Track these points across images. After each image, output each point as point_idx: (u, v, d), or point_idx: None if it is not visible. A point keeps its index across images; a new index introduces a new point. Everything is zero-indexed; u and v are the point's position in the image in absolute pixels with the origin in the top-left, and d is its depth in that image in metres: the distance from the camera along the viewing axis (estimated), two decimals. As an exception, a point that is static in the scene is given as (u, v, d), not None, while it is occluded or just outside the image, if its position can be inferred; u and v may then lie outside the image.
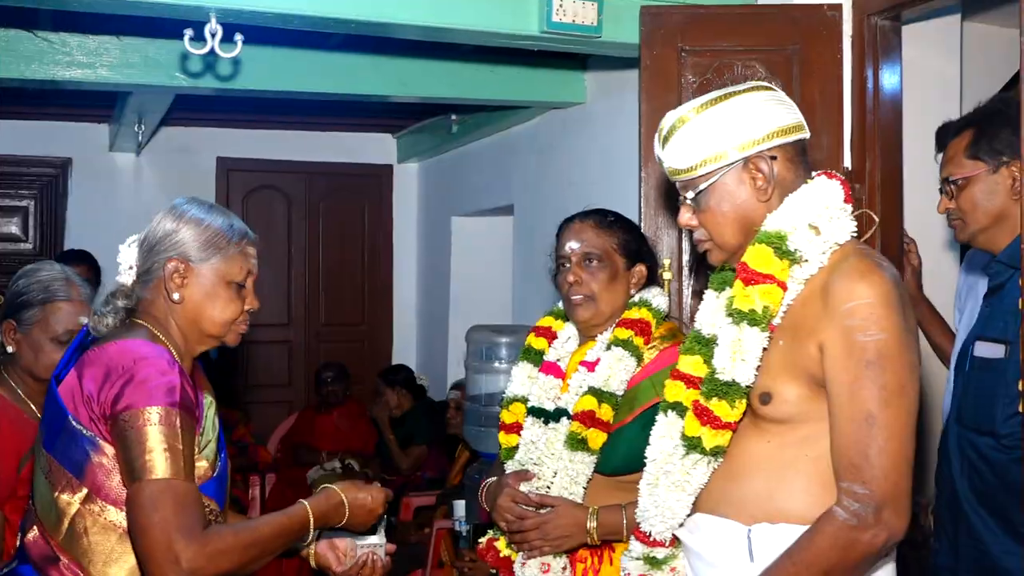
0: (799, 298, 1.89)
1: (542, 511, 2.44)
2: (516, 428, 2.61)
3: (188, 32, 3.28)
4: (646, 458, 2.07)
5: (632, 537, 2.12)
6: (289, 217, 7.52)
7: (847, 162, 3.43)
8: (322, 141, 7.42)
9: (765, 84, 1.99)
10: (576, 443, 2.44)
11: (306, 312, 7.57)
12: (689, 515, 2.01)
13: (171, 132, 6.95)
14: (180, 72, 4.42)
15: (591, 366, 2.51)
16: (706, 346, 1.98)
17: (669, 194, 3.51)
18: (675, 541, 2.06)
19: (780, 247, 1.89)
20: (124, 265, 2.09)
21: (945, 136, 2.64)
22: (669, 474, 1.99)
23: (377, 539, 2.30)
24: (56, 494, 1.96)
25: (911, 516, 1.80)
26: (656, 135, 2.00)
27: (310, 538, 2.09)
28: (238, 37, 3.41)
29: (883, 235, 3.36)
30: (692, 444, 1.96)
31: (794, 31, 3.43)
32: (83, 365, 1.96)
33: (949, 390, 2.86)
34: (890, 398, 1.75)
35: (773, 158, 1.92)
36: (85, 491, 1.94)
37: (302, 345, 7.55)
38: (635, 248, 2.57)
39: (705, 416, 1.94)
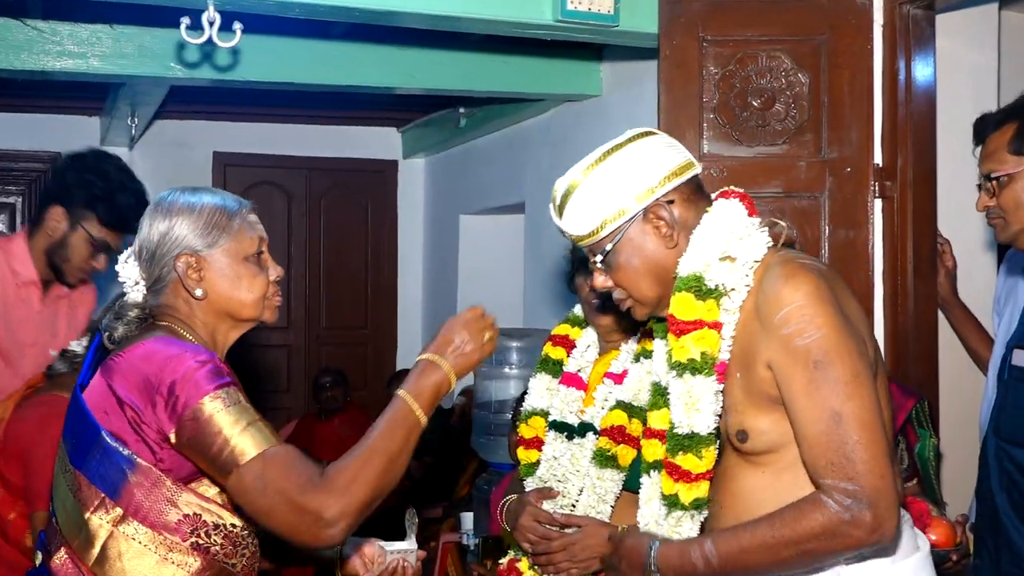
0: (738, 326, 1.94)
1: (568, 531, 2.44)
2: (536, 443, 2.61)
3: (184, 20, 3.28)
4: (639, 524, 2.11)
5: None
6: (289, 215, 7.53)
7: (877, 158, 3.42)
8: (324, 135, 7.43)
9: (645, 130, 2.05)
10: (605, 460, 2.44)
11: (306, 314, 7.57)
12: None
13: (165, 125, 6.96)
14: (176, 62, 4.43)
15: (618, 378, 2.50)
16: (666, 396, 2.04)
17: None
18: None
19: (700, 288, 1.95)
20: (129, 282, 2.08)
21: (984, 129, 2.62)
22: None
23: (407, 544, 2.28)
24: (87, 515, 1.94)
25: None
26: (551, 204, 2.06)
27: (423, 424, 1.95)
28: (237, 26, 3.41)
29: (916, 235, 3.36)
30: (672, 502, 2.01)
31: (822, 20, 3.42)
32: (111, 372, 1.94)
33: (988, 399, 2.85)
34: (848, 390, 1.79)
35: (671, 202, 1.98)
36: (120, 512, 1.93)
37: (302, 349, 7.56)
38: None
39: (676, 472, 2.00)
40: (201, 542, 1.95)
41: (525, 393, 2.82)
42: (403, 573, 2.29)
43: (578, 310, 2.69)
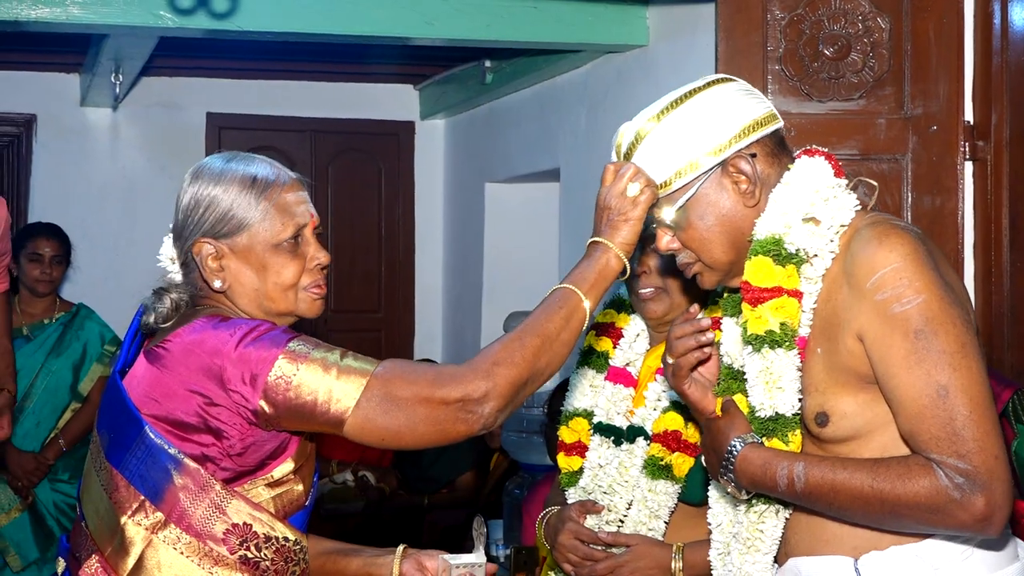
0: (821, 296, 1.94)
1: (615, 551, 2.42)
2: (579, 448, 2.58)
3: (176, -39, 3.27)
4: (709, 524, 2.09)
5: None
6: (292, 184, 7.53)
7: (968, 115, 3.40)
8: (331, 94, 7.43)
9: (725, 76, 2.06)
10: (657, 470, 2.41)
11: (312, 296, 7.58)
12: (781, 563, 2.04)
13: (153, 83, 6.97)
14: (166, 10, 4.43)
15: None
16: (740, 380, 2.03)
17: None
18: None
19: (779, 252, 1.94)
20: (165, 260, 2.09)
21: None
22: (738, 536, 2.04)
23: (475, 558, 2.26)
24: (123, 519, 1.94)
25: None
26: (613, 151, 2.06)
27: (587, 308, 2.01)
28: (235, -34, 3.40)
29: (1012, 203, 3.33)
30: (754, 494, 2.00)
31: (905, -45, 3.40)
32: (162, 358, 1.95)
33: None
34: (955, 361, 1.79)
35: (753, 155, 1.98)
36: (162, 518, 1.93)
37: (308, 335, 7.56)
38: None
39: None
40: (251, 556, 1.96)
41: (562, 387, 2.80)
42: None
43: (622, 290, 2.66)
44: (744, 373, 2.02)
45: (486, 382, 1.88)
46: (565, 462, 2.60)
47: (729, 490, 2.01)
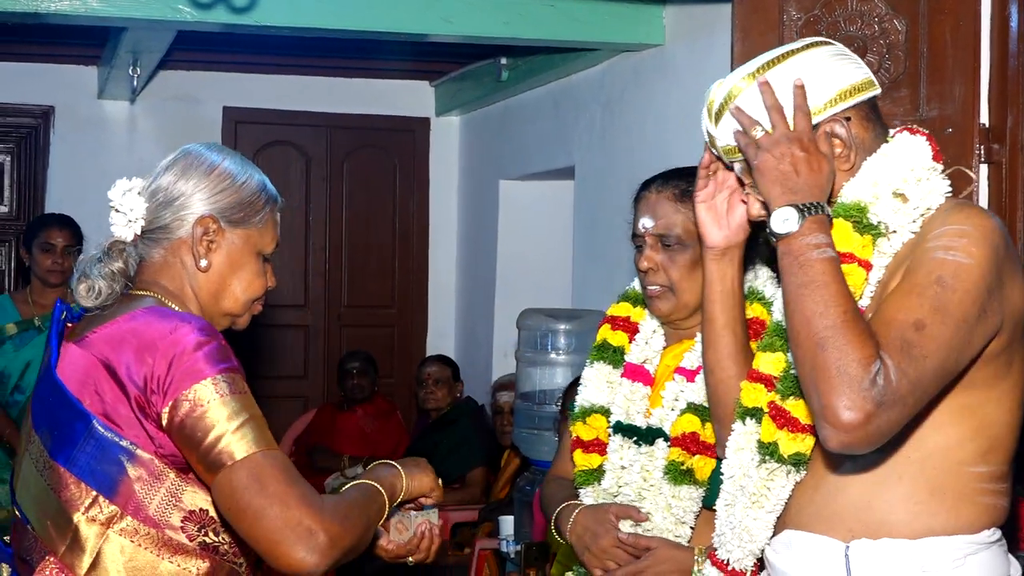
0: (887, 272, 1.92)
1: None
2: (597, 446, 2.53)
3: (196, -45, 3.29)
4: (722, 474, 2.08)
5: (707, 562, 2.12)
6: (307, 178, 7.55)
7: (984, 118, 3.36)
8: (347, 89, 7.44)
9: (824, 39, 2.02)
10: (680, 475, 2.37)
11: (326, 292, 7.60)
12: (777, 533, 2.03)
13: (170, 76, 6.99)
14: (185, 4, 4.45)
15: (691, 375, 2.43)
16: (787, 340, 1.98)
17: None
18: (756, 572, 2.09)
19: (861, 220, 1.92)
20: (128, 215, 2.03)
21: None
22: (745, 489, 2.03)
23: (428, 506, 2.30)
24: (76, 517, 1.91)
25: None
26: (704, 109, 2.02)
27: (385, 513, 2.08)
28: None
29: (1027, 207, 3.32)
30: (768, 451, 1.98)
31: (922, -43, 3.39)
32: (100, 345, 1.92)
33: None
34: (948, 320, 1.78)
35: (847, 119, 1.96)
36: (117, 511, 1.90)
37: (321, 331, 7.59)
38: None
39: (781, 418, 1.97)
40: (209, 541, 1.94)
41: (575, 383, 2.76)
42: (431, 538, 2.27)
43: (636, 284, 2.60)
44: None
45: (338, 529, 1.85)
46: (582, 460, 2.54)
47: None
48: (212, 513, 1.94)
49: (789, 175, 1.88)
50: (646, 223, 2.46)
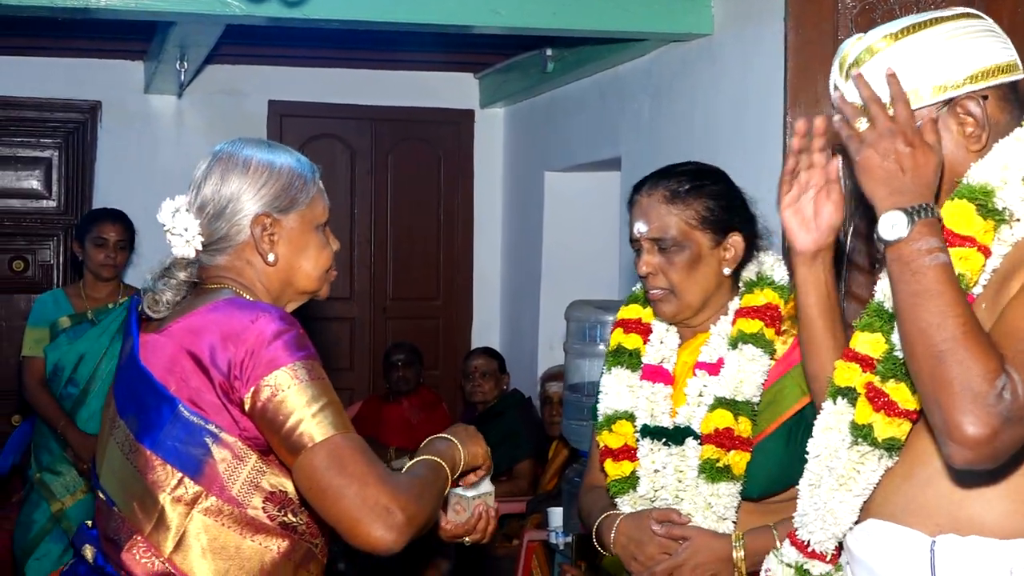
0: (1004, 264, 1.86)
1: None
2: (627, 453, 2.52)
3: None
4: (807, 453, 2.04)
5: (786, 542, 2.09)
6: (352, 171, 7.58)
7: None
8: (391, 82, 7.46)
9: (975, 11, 1.95)
10: (716, 472, 2.37)
11: (371, 284, 7.63)
12: (860, 521, 2.00)
13: (217, 71, 7.03)
14: (235, -3, 4.46)
15: (713, 368, 2.44)
16: (888, 321, 1.95)
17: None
18: (836, 558, 2.06)
19: (986, 204, 1.85)
20: (186, 235, 2.10)
21: None
22: (833, 471, 1.99)
23: (485, 487, 2.34)
24: (162, 497, 1.99)
25: None
26: (836, 62, 1.98)
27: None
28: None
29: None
30: (862, 434, 1.94)
31: (980, -58, 3.36)
32: (182, 336, 2.00)
33: None
34: None
35: (984, 98, 1.90)
36: (201, 492, 1.99)
37: (366, 323, 7.62)
38: (724, 216, 2.46)
39: (879, 401, 1.92)
40: (289, 521, 2.03)
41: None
42: (488, 519, 2.34)
43: (640, 286, 2.60)
44: (893, 314, 1.92)
45: (412, 507, 1.92)
46: (614, 469, 2.53)
47: None
48: (291, 494, 2.02)
49: (895, 174, 1.82)
50: (640, 228, 2.46)
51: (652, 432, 2.48)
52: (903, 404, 1.90)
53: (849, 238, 3.38)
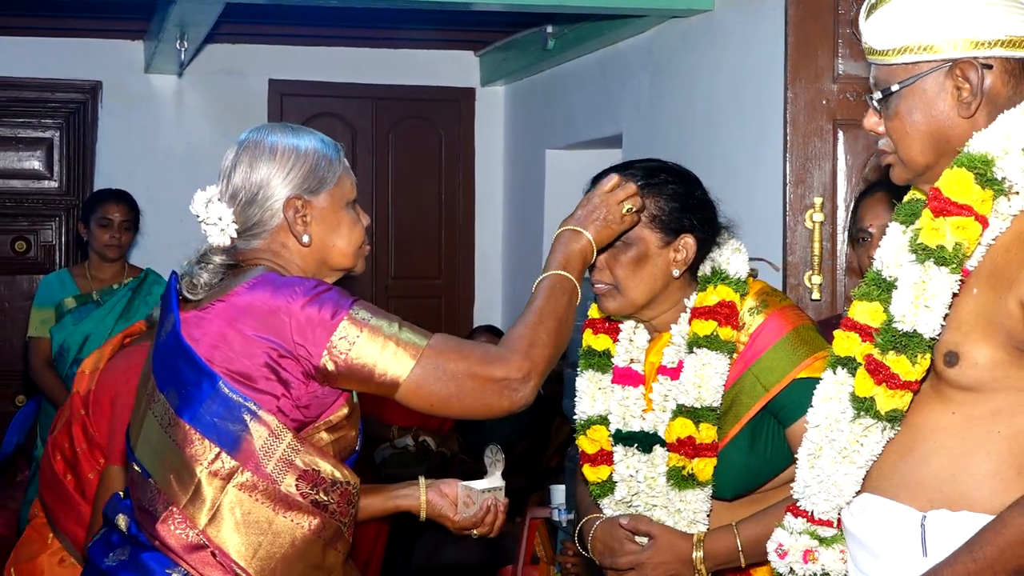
0: (1003, 238, 1.87)
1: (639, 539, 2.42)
2: (604, 457, 2.52)
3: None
4: (807, 423, 2.06)
5: (789, 515, 2.11)
6: (353, 150, 7.57)
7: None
8: (391, 60, 7.45)
9: None
10: (683, 480, 2.38)
11: (373, 263, 7.63)
12: (857, 494, 2.01)
13: (217, 50, 7.03)
14: (235, -26, 4.46)
15: (675, 373, 2.42)
16: (886, 290, 1.97)
17: (819, 121, 3.46)
18: (840, 523, 2.07)
19: (985, 173, 1.86)
20: (220, 223, 2.14)
21: None
22: (835, 442, 2.00)
23: (495, 482, 2.39)
24: (199, 471, 2.04)
25: None
26: (864, 2, 1.98)
27: (579, 291, 2.21)
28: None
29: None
30: (864, 406, 1.95)
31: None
32: (223, 313, 2.05)
33: None
34: None
35: (988, 67, 1.90)
36: (237, 467, 2.03)
37: (368, 301, 7.62)
38: (677, 216, 2.40)
39: (880, 373, 1.93)
40: (320, 499, 2.07)
41: None
42: (496, 514, 2.39)
43: None
44: (892, 283, 1.95)
45: (527, 362, 2.05)
46: (592, 473, 2.53)
47: None
48: (324, 473, 2.07)
49: None
50: None
51: (624, 438, 2.49)
52: (904, 376, 1.91)
53: (846, 245, 3.41)
